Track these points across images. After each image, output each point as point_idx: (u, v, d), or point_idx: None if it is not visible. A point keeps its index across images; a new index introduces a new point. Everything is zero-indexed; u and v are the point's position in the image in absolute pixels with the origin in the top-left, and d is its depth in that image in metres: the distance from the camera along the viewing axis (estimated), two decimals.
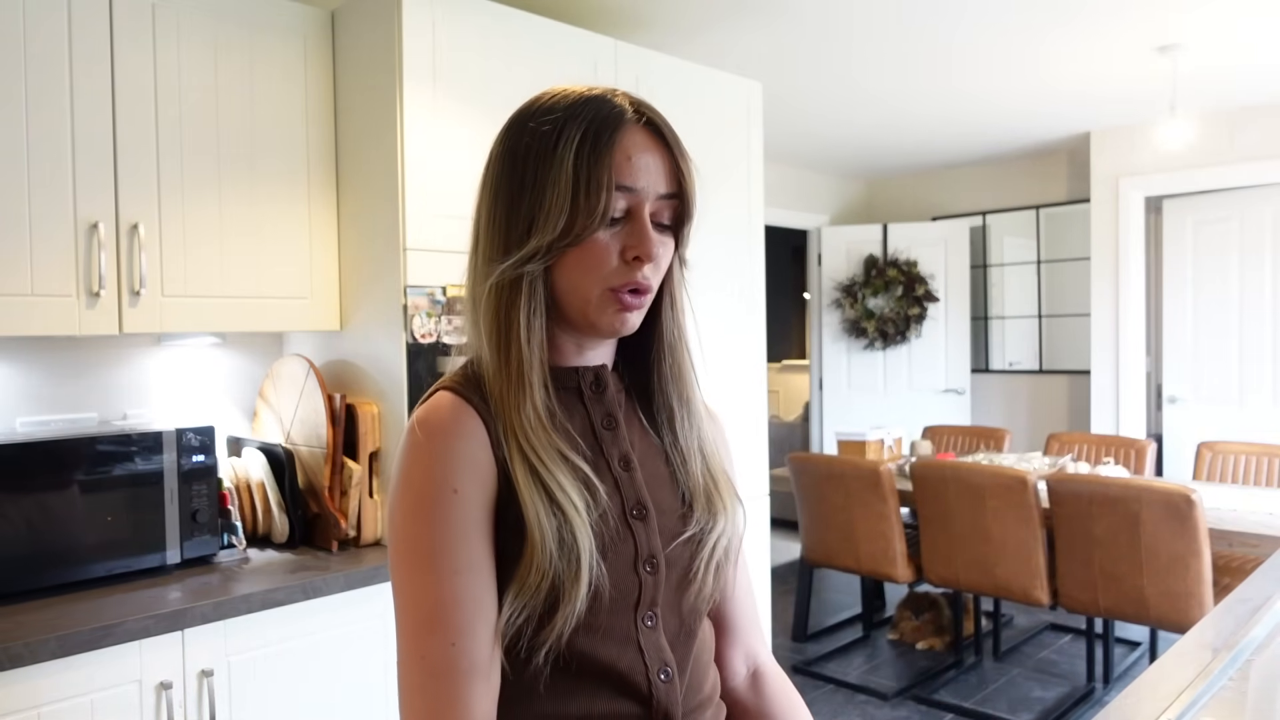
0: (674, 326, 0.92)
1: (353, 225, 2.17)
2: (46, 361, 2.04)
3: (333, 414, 2.07)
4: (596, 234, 0.81)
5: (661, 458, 0.91)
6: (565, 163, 0.81)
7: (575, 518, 0.79)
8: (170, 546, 1.88)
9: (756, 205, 2.87)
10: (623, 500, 0.86)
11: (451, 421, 0.82)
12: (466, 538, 0.79)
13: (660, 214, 0.85)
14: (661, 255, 0.85)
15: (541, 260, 0.82)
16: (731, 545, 0.92)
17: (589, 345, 0.89)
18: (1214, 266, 4.79)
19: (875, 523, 3.56)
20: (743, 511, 0.94)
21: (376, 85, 2.07)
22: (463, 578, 0.78)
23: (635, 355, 0.94)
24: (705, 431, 0.94)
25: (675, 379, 0.92)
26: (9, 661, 1.45)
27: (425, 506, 0.79)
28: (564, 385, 0.88)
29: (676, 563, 0.87)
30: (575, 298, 0.83)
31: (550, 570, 0.78)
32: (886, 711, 3.28)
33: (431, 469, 0.80)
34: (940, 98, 4.01)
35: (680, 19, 2.93)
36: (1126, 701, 0.99)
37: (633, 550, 0.84)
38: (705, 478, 0.91)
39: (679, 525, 0.88)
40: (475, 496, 0.80)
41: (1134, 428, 4.83)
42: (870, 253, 5.67)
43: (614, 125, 0.82)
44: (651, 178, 0.84)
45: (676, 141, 0.87)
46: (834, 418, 5.79)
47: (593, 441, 0.87)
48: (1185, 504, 2.78)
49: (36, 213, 1.74)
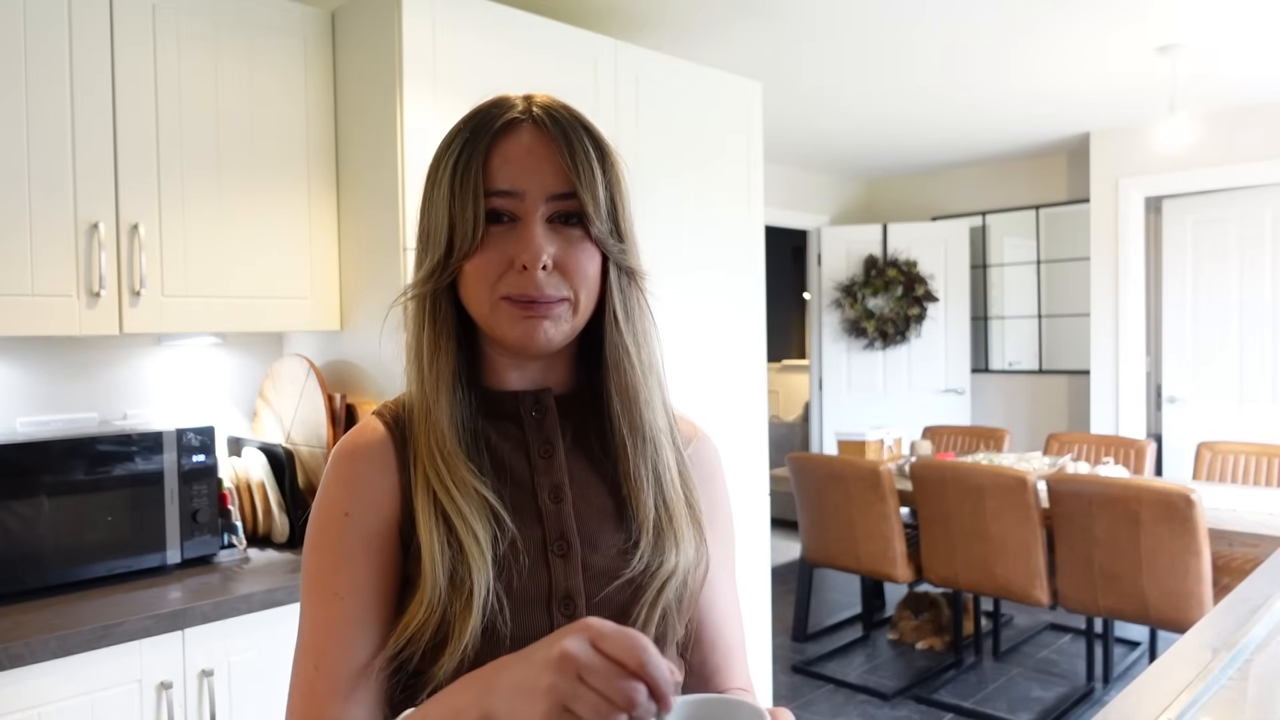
0: (619, 343, 0.83)
1: (353, 225, 2.17)
2: (47, 361, 2.04)
3: (333, 414, 2.07)
4: (481, 244, 0.77)
5: (609, 489, 0.84)
6: (444, 177, 0.79)
7: (472, 548, 0.75)
8: (170, 546, 1.88)
9: (756, 205, 2.87)
10: (544, 534, 0.80)
11: (357, 445, 0.81)
12: (351, 562, 0.77)
13: (558, 214, 0.79)
14: (570, 262, 0.78)
15: (438, 278, 0.79)
16: (685, 586, 0.83)
17: (528, 366, 0.85)
18: (1214, 267, 4.79)
19: (875, 523, 3.56)
20: (703, 548, 0.86)
21: (376, 85, 2.07)
22: (342, 602, 0.76)
23: (594, 374, 0.87)
24: (665, 458, 0.84)
25: (623, 400, 0.83)
26: (9, 661, 1.45)
27: (318, 529, 0.79)
28: (501, 410, 0.84)
29: (607, 605, 0.79)
30: (476, 311, 0.80)
31: (439, 604, 0.74)
32: (886, 711, 3.29)
33: (328, 492, 0.80)
34: (940, 97, 4.01)
35: (680, 19, 2.93)
36: (1126, 701, 0.99)
37: (546, 589, 0.78)
38: (659, 510, 0.83)
39: (617, 564, 0.80)
40: (369, 521, 0.78)
41: (1134, 428, 4.83)
42: (870, 253, 5.67)
43: (490, 129, 0.78)
44: (537, 178, 0.78)
45: (569, 136, 0.79)
46: (834, 418, 5.80)
47: (525, 470, 0.82)
48: (1185, 504, 2.78)
49: (37, 213, 1.74)
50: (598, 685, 0.56)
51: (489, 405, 0.84)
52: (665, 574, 0.80)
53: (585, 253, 0.79)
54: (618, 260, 0.82)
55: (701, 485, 0.90)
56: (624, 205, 0.83)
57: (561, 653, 0.57)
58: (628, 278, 0.83)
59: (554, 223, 0.79)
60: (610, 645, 0.57)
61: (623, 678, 0.56)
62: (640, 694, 0.56)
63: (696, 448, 0.92)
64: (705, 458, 0.93)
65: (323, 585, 0.77)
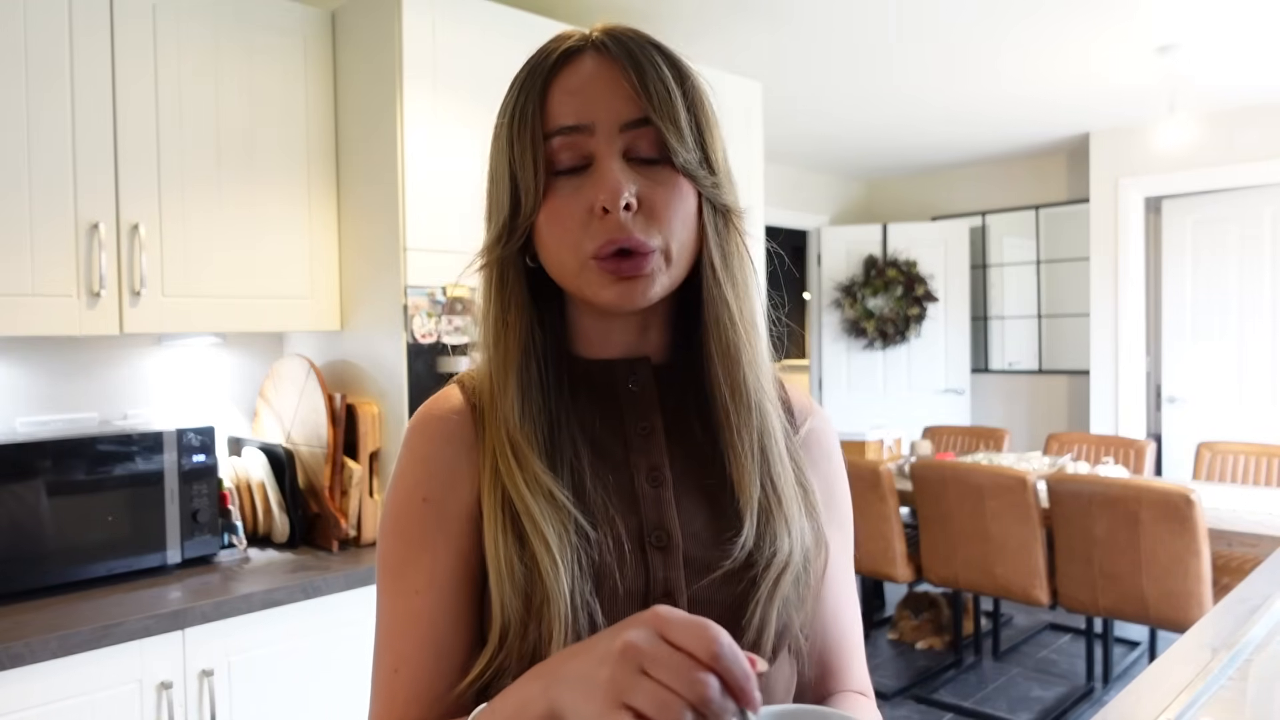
0: (721, 296, 0.73)
1: (353, 225, 2.17)
2: (47, 361, 2.04)
3: (333, 414, 2.07)
4: (551, 195, 0.68)
5: (710, 470, 0.74)
6: (503, 128, 0.71)
7: (545, 559, 0.66)
8: (171, 546, 1.88)
9: (757, 205, 2.87)
10: (641, 523, 0.71)
11: (436, 420, 0.74)
12: (431, 552, 0.70)
13: (636, 149, 0.69)
14: (660, 200, 0.68)
15: (508, 242, 0.71)
16: (805, 575, 0.73)
17: (621, 330, 0.76)
18: (1213, 267, 4.79)
19: (875, 523, 3.56)
20: (821, 534, 0.75)
21: (376, 85, 2.07)
22: (422, 599, 0.70)
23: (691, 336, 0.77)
24: (771, 428, 0.74)
25: (725, 363, 0.73)
26: (9, 661, 1.45)
27: (396, 516, 0.72)
28: (595, 382, 0.76)
29: (713, 601, 0.70)
30: (561, 275, 0.71)
31: (515, 631, 0.67)
32: (886, 711, 3.29)
33: (406, 474, 0.73)
34: (940, 98, 4.01)
35: (680, 19, 2.94)
36: (1126, 701, 0.99)
37: (644, 585, 0.69)
38: (765, 490, 0.72)
39: (721, 554, 0.71)
40: (449, 506, 0.71)
41: (1133, 428, 4.83)
42: (870, 253, 5.67)
43: (546, 65, 0.70)
44: (605, 108, 0.68)
45: (637, 56, 0.69)
46: (834, 418, 5.79)
47: (620, 450, 0.74)
48: (1184, 504, 2.78)
49: (37, 213, 1.74)
50: (662, 677, 0.49)
51: (579, 376, 0.75)
52: (779, 565, 0.70)
53: (675, 189, 0.69)
54: (711, 196, 0.71)
55: (818, 466, 0.81)
56: (713, 132, 0.72)
57: (624, 644, 0.51)
58: (723, 218, 0.73)
59: (633, 162, 0.68)
60: (678, 634, 0.50)
61: (693, 669, 0.49)
62: (711, 688, 0.48)
63: (814, 424, 0.83)
64: (822, 435, 0.83)
65: (401, 578, 0.71)
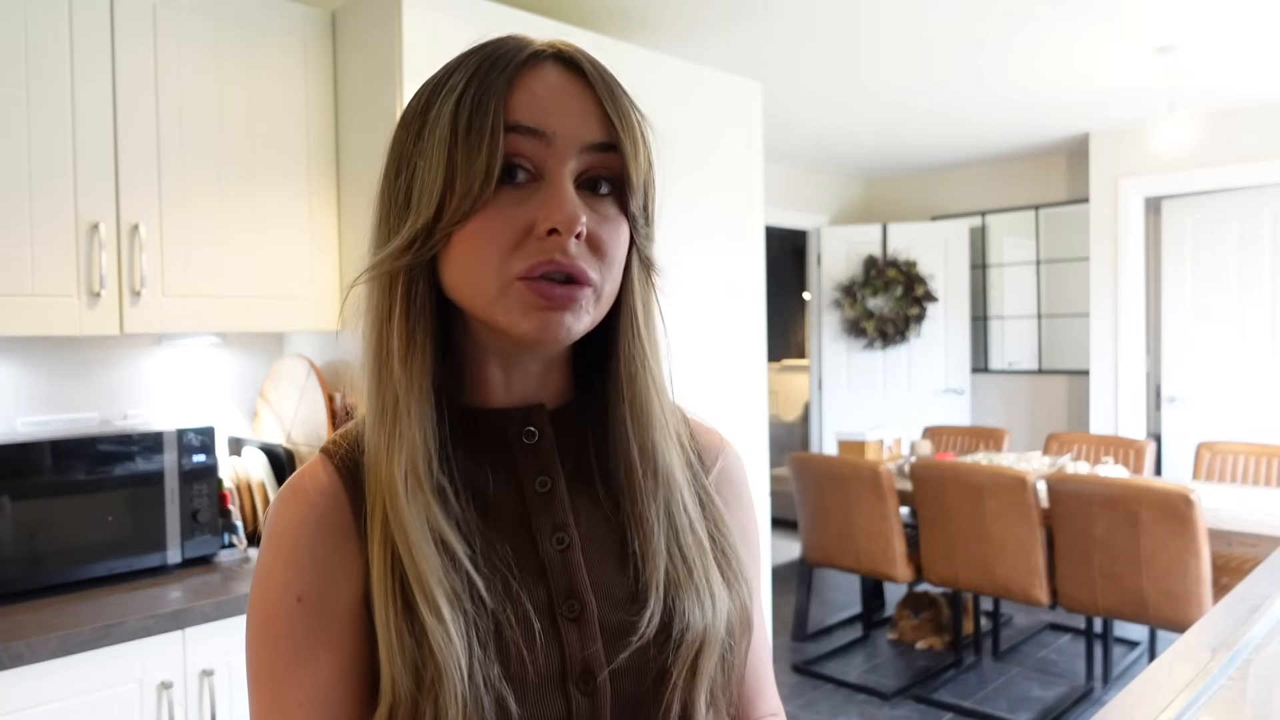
0: (640, 351, 0.66)
1: (353, 225, 2.17)
2: (47, 361, 2.05)
3: (333, 413, 2.07)
4: (488, 201, 0.59)
5: (616, 523, 0.67)
6: (443, 114, 0.60)
7: (436, 630, 0.57)
8: (171, 546, 1.88)
9: (756, 205, 2.87)
10: (550, 592, 0.63)
11: (303, 507, 0.63)
12: (311, 662, 0.60)
13: (589, 174, 0.62)
14: (605, 236, 0.61)
15: (419, 248, 0.60)
16: (730, 655, 0.66)
17: (520, 375, 0.67)
18: (1213, 267, 4.79)
19: (875, 522, 3.57)
20: (744, 598, 0.68)
21: (376, 86, 2.07)
22: (306, 712, 0.60)
23: (596, 388, 0.69)
24: (678, 497, 0.67)
25: (637, 425, 0.66)
26: (9, 661, 1.45)
27: (266, 620, 0.62)
28: (485, 434, 0.66)
29: (631, 673, 0.63)
30: (473, 294, 0.61)
31: (405, 700, 0.57)
32: (886, 711, 3.29)
33: (273, 571, 0.63)
34: (940, 98, 4.01)
35: (680, 19, 2.94)
36: (1126, 701, 0.99)
37: (559, 664, 0.61)
38: (673, 560, 0.65)
39: (633, 618, 0.63)
40: (330, 604, 0.61)
41: (1133, 428, 4.83)
42: (870, 253, 5.67)
43: (509, 61, 0.62)
44: (566, 122, 0.60)
45: (608, 80, 0.63)
46: (834, 418, 5.80)
47: (520, 511, 0.65)
48: (1184, 504, 2.78)
49: (38, 213, 1.74)
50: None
51: (468, 428, 0.65)
52: (693, 641, 0.63)
53: (618, 229, 0.62)
54: (642, 246, 0.65)
55: (729, 506, 0.73)
56: (654, 181, 0.66)
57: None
58: (646, 273, 0.67)
59: (581, 189, 0.61)
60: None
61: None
62: None
63: (725, 463, 0.76)
64: (734, 474, 0.77)
65: (278, 694, 0.61)
